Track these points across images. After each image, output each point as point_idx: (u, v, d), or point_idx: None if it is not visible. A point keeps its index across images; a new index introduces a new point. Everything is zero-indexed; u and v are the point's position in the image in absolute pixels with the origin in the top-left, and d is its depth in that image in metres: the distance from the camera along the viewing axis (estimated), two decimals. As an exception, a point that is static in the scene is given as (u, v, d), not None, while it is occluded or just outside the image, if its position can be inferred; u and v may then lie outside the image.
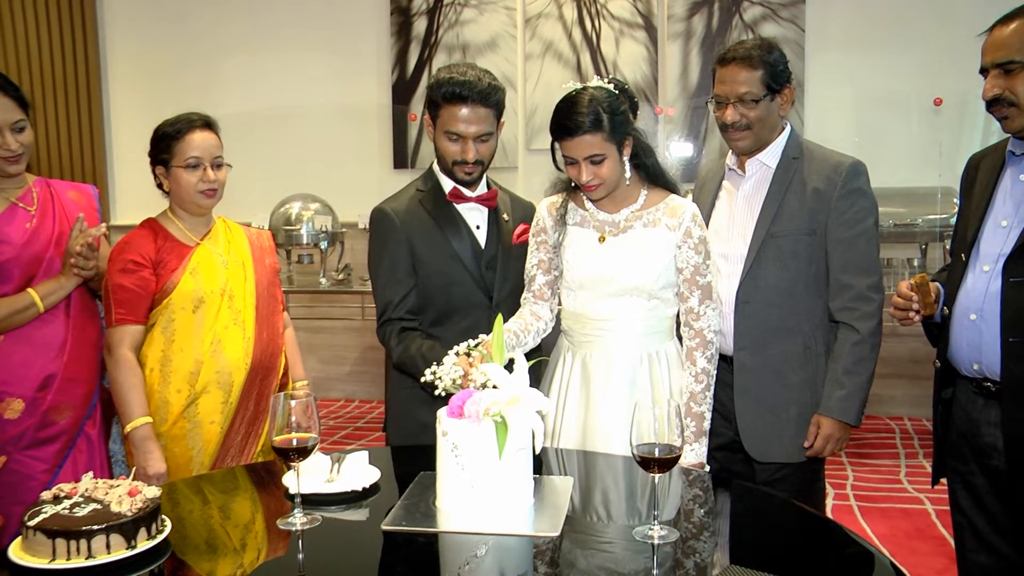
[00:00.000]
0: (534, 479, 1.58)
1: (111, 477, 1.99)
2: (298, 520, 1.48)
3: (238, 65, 5.73)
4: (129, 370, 2.05)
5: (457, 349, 1.76)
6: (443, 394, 1.70)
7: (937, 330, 1.91)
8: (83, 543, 1.30)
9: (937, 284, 1.88)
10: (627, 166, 1.99)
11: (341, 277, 4.92)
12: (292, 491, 1.54)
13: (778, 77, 2.09)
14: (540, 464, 1.74)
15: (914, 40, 4.90)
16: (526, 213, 2.27)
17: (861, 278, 2.07)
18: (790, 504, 1.74)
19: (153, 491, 1.42)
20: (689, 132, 5.26)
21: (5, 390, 2.08)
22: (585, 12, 5.29)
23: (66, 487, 1.43)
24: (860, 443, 4.53)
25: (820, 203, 2.08)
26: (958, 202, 1.98)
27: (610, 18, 5.26)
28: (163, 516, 1.43)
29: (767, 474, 2.15)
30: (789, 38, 4.93)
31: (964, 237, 1.85)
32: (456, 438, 1.50)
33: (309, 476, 1.63)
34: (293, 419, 1.48)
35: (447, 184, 2.18)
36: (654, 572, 1.34)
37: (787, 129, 2.18)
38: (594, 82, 1.98)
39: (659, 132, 5.25)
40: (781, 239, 2.10)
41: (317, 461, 1.67)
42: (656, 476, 1.42)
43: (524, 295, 2.16)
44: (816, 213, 2.08)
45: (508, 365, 1.60)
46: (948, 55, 4.73)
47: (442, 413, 1.55)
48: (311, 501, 1.57)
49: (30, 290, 2.09)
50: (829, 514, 3.45)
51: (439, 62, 5.42)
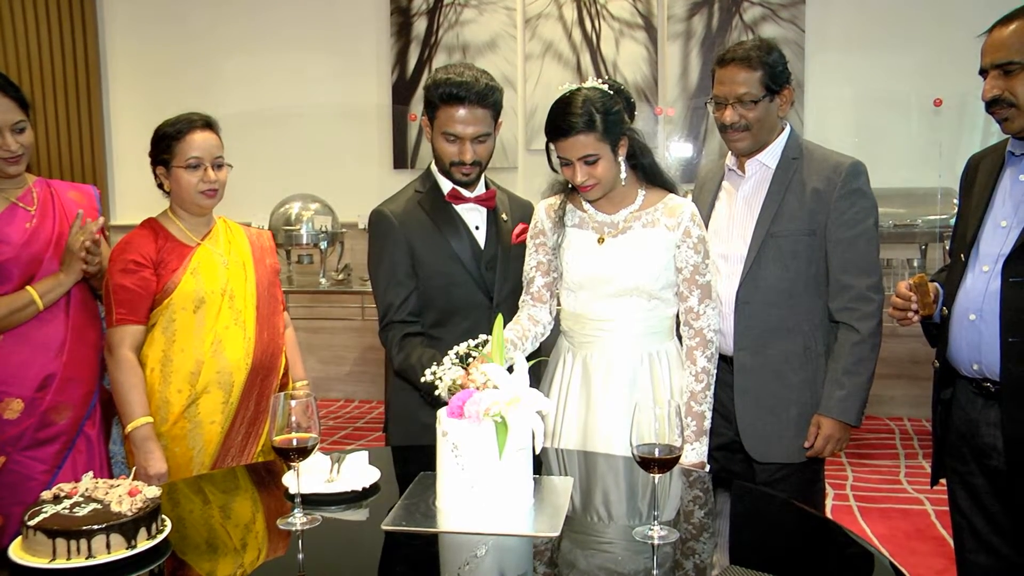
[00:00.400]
0: (534, 479, 1.58)
1: (111, 478, 1.99)
2: (298, 520, 1.48)
3: (238, 65, 5.73)
4: (130, 370, 2.05)
5: (457, 349, 1.76)
6: (443, 395, 1.70)
7: (936, 330, 1.91)
8: (83, 543, 1.30)
9: (936, 284, 1.88)
10: (623, 166, 1.99)
11: (341, 277, 4.92)
12: (292, 491, 1.54)
13: (777, 78, 2.09)
14: (540, 464, 1.75)
15: (914, 40, 4.90)
16: (524, 212, 2.27)
17: (861, 278, 2.07)
18: (790, 504, 1.74)
19: (153, 491, 1.43)
20: (689, 133, 5.26)
21: (4, 390, 2.08)
22: (585, 12, 5.29)
23: (66, 487, 1.43)
24: (860, 443, 4.53)
25: (820, 203, 2.08)
26: (957, 203, 1.98)
27: (610, 18, 5.26)
28: (163, 516, 1.43)
29: (767, 474, 2.15)
30: (789, 38, 4.93)
31: (963, 237, 1.85)
32: (456, 438, 1.50)
33: (309, 476, 1.63)
34: (293, 419, 1.49)
35: (445, 185, 2.18)
36: (654, 572, 1.34)
37: (787, 130, 2.18)
38: (588, 83, 1.98)
39: (659, 132, 5.25)
40: (781, 239, 2.10)
41: (317, 461, 1.67)
42: (656, 476, 1.43)
43: (522, 298, 2.16)
44: (816, 213, 2.08)
45: (508, 368, 1.60)
46: (948, 55, 4.73)
47: (442, 413, 1.55)
48: (311, 501, 1.57)
49: (29, 288, 2.08)
50: (829, 514, 3.45)
51: (439, 62, 5.42)
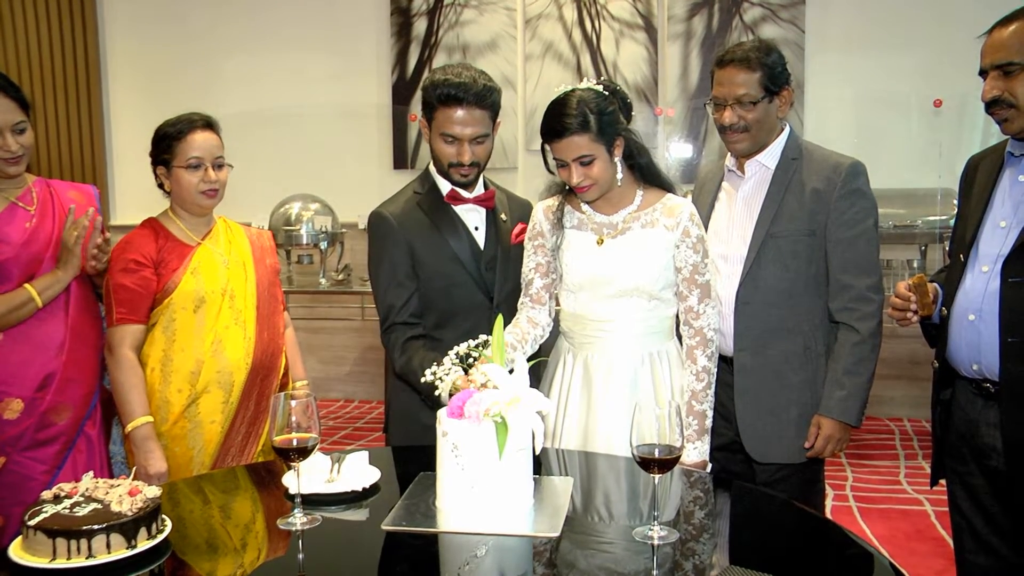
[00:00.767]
0: (534, 479, 1.58)
1: (111, 478, 1.99)
2: (298, 520, 1.48)
3: (238, 65, 5.74)
4: (130, 370, 2.05)
5: (457, 349, 1.76)
6: (443, 396, 1.70)
7: (935, 331, 1.91)
8: (83, 543, 1.30)
9: (935, 284, 1.88)
10: (619, 166, 1.99)
11: (341, 277, 4.92)
12: (292, 491, 1.54)
13: (776, 79, 2.09)
14: (540, 464, 1.75)
15: (914, 41, 4.90)
16: (524, 212, 2.27)
17: (861, 278, 2.07)
18: (790, 505, 1.74)
19: (153, 491, 1.43)
20: (689, 133, 5.26)
21: (4, 390, 2.08)
22: (585, 13, 5.29)
23: (66, 487, 1.43)
24: (859, 444, 4.53)
25: (819, 204, 2.08)
26: (957, 203, 1.98)
27: (610, 19, 5.26)
28: (163, 516, 1.43)
29: (767, 475, 2.15)
30: (789, 39, 4.93)
31: (963, 238, 1.85)
32: (456, 438, 1.50)
33: (309, 476, 1.63)
34: (293, 419, 1.49)
35: (444, 186, 2.18)
36: (654, 573, 1.34)
37: (786, 130, 2.18)
38: (583, 84, 1.98)
39: (659, 133, 5.26)
40: (781, 240, 2.10)
41: (317, 461, 1.67)
42: (656, 477, 1.43)
43: (521, 299, 2.15)
44: (816, 214, 2.08)
45: (508, 370, 1.60)
46: (948, 56, 4.73)
47: (442, 413, 1.55)
48: (311, 501, 1.57)
49: (27, 285, 2.08)
50: (828, 515, 3.45)
51: (439, 62, 5.42)
